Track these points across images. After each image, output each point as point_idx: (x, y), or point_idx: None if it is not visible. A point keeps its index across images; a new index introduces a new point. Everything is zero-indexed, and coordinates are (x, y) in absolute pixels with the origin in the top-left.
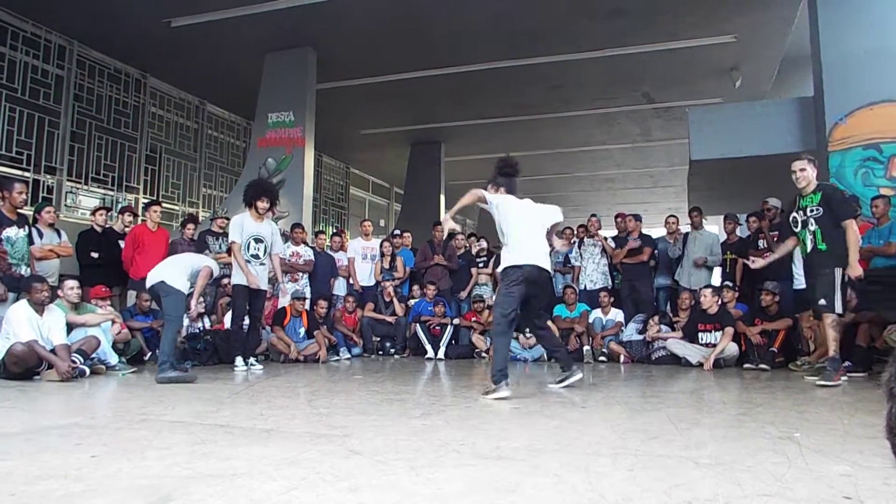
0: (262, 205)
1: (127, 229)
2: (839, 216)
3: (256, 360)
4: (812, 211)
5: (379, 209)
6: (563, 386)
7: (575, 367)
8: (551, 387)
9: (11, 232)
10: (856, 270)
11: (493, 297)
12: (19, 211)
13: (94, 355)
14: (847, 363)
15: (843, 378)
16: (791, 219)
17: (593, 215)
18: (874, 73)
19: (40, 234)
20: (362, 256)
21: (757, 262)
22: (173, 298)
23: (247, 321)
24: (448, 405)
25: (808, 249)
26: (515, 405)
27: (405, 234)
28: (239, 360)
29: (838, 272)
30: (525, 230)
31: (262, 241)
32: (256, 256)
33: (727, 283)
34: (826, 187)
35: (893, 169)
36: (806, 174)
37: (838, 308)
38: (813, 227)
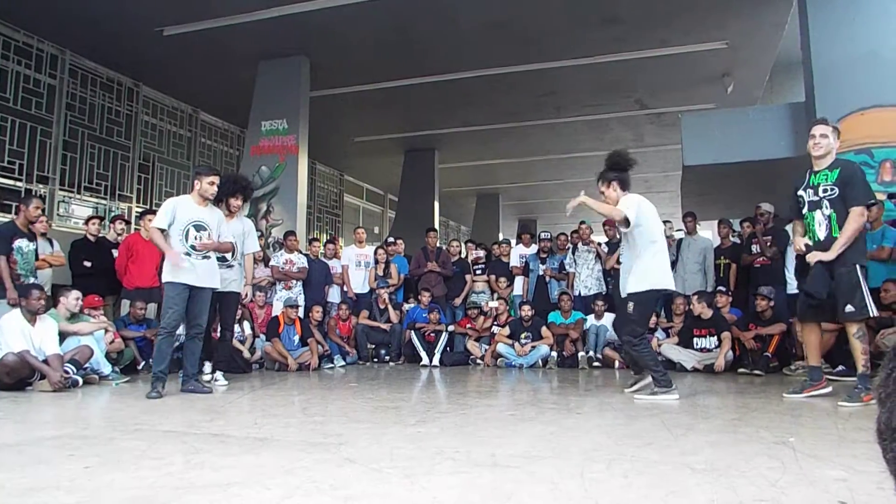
0: (237, 202)
1: (120, 238)
2: (850, 199)
3: (222, 374)
4: (826, 191)
5: (373, 216)
6: (641, 395)
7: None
8: (636, 398)
9: (23, 243)
10: (829, 255)
11: (489, 303)
12: (36, 225)
13: (87, 365)
14: (840, 367)
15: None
16: (798, 197)
17: (583, 222)
18: (865, 78)
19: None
20: (356, 264)
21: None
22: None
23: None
24: (443, 412)
25: (822, 237)
26: (511, 412)
27: (398, 242)
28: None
29: (860, 270)
30: (661, 240)
31: (204, 230)
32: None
33: (720, 287)
34: (846, 164)
35: (885, 174)
36: (828, 142)
37: (872, 311)
38: (827, 210)
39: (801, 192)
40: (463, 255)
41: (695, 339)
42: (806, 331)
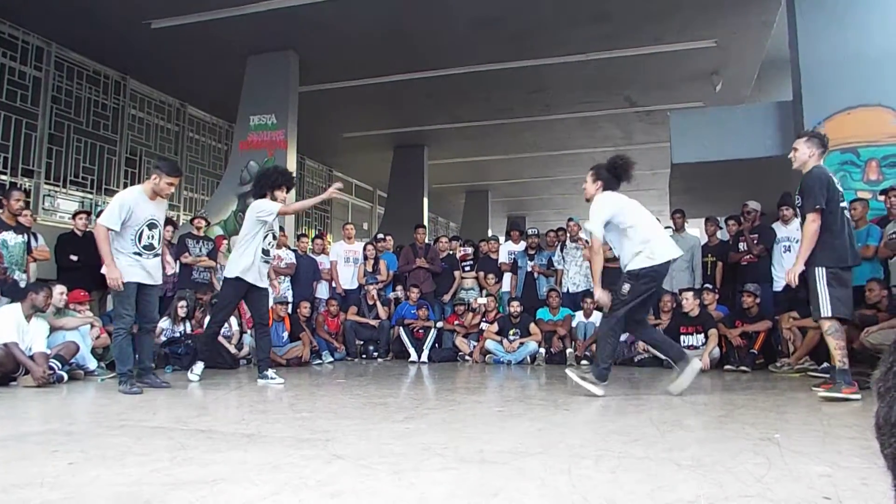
0: (283, 195)
1: None
2: (805, 206)
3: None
4: (798, 199)
5: (362, 212)
6: (680, 388)
7: (686, 357)
8: (670, 389)
9: (8, 236)
10: (791, 275)
11: (477, 299)
12: (19, 218)
13: (72, 360)
14: (825, 364)
15: (856, 395)
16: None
17: (570, 219)
18: (851, 78)
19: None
20: (345, 260)
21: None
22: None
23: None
24: (431, 409)
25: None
26: (500, 408)
27: (388, 238)
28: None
29: (819, 272)
30: (648, 219)
31: (156, 227)
32: (150, 247)
33: (707, 285)
34: (807, 174)
35: (870, 172)
36: (798, 153)
37: (825, 311)
38: (800, 218)
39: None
40: (452, 251)
41: (682, 337)
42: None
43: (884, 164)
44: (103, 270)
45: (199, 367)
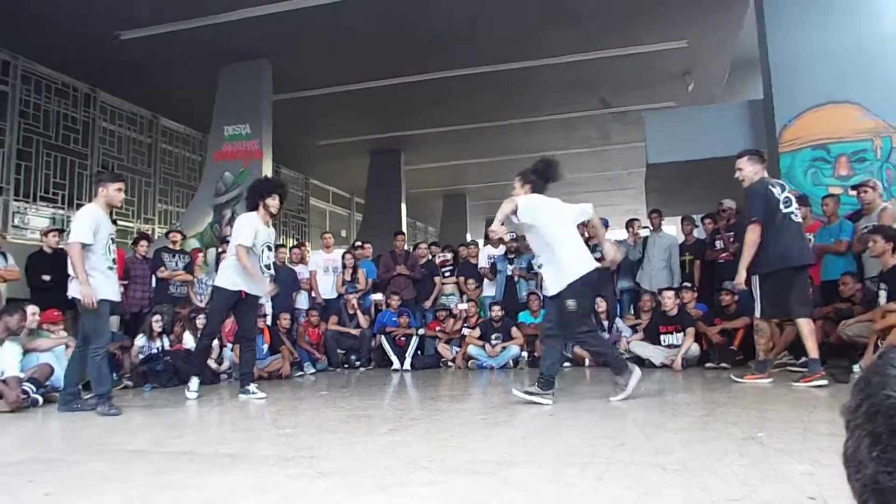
0: (275, 202)
1: None
2: (746, 216)
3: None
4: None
5: (340, 220)
6: (623, 398)
7: (631, 367)
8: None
9: None
10: (739, 278)
11: (458, 305)
12: None
13: (47, 383)
14: (804, 359)
15: (767, 379)
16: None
17: None
18: (819, 75)
19: None
20: (324, 269)
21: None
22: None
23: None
24: (415, 419)
25: None
26: (484, 416)
27: (366, 246)
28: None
29: (754, 279)
30: (571, 231)
31: (114, 242)
32: (114, 262)
33: (686, 283)
34: (752, 185)
35: (841, 168)
36: (743, 173)
37: (757, 313)
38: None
39: None
40: (431, 257)
41: (662, 336)
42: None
43: (853, 160)
44: (70, 292)
45: (194, 382)
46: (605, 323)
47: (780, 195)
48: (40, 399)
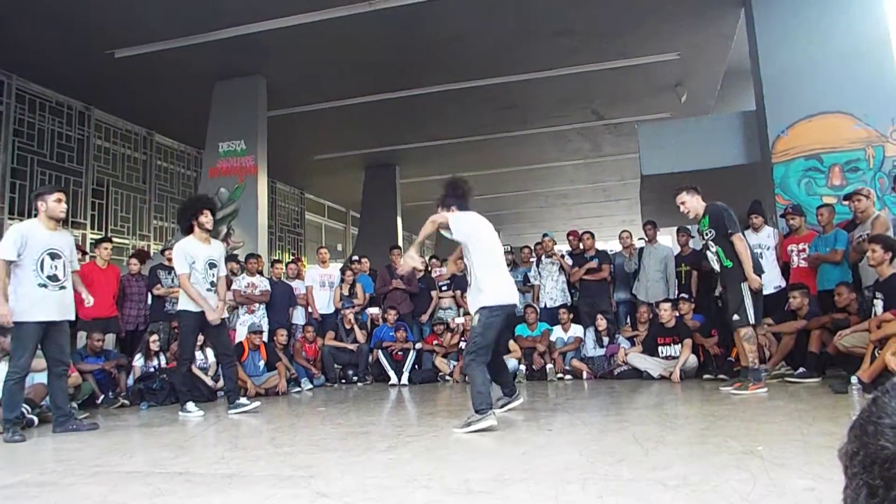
0: (207, 219)
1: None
2: (722, 233)
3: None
4: (707, 234)
5: (336, 234)
6: (504, 410)
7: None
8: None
9: None
10: (754, 282)
11: (455, 319)
12: None
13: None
14: (801, 369)
15: (763, 389)
16: (703, 247)
17: (545, 235)
18: (811, 86)
19: None
20: (320, 284)
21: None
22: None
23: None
24: (414, 436)
25: (718, 269)
26: (482, 432)
27: (363, 260)
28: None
29: (744, 286)
30: (501, 256)
31: (59, 258)
32: (55, 279)
33: (683, 295)
34: (711, 208)
35: (835, 178)
36: (688, 205)
37: (751, 318)
38: (713, 248)
39: (701, 242)
40: (428, 271)
41: (659, 348)
42: (736, 339)
43: (847, 169)
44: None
45: (190, 405)
46: (606, 339)
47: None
48: (35, 419)
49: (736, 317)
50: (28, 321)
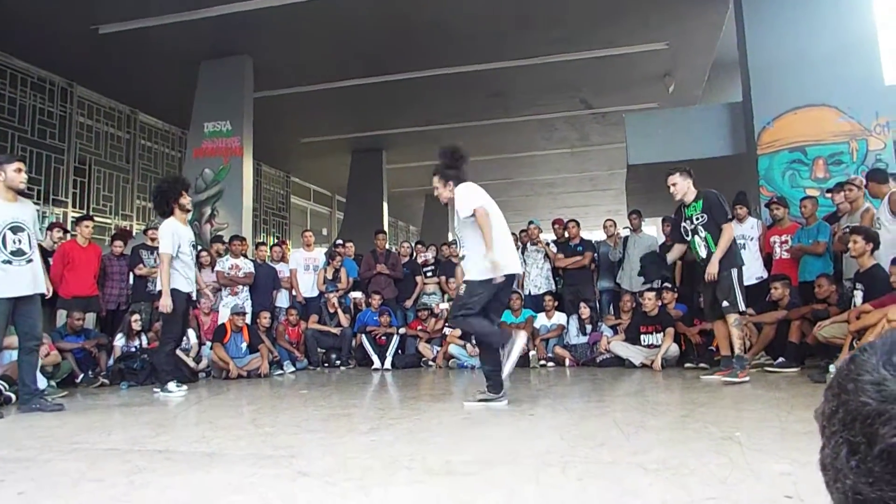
0: (186, 200)
1: (56, 246)
2: (717, 219)
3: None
4: (698, 219)
5: (321, 218)
6: (479, 400)
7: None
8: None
9: None
10: (712, 268)
11: (439, 304)
12: None
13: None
14: (780, 359)
15: (746, 378)
16: (682, 228)
17: (531, 222)
18: (797, 78)
19: None
20: (304, 267)
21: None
22: None
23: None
24: (396, 418)
25: (703, 255)
26: (465, 415)
27: (348, 245)
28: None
29: (734, 272)
30: (504, 227)
31: (22, 230)
32: (20, 253)
33: (666, 284)
34: (707, 194)
35: (818, 170)
36: (678, 187)
37: (741, 306)
38: (703, 233)
39: (683, 224)
40: (413, 256)
41: (642, 336)
42: (716, 328)
43: (830, 162)
44: None
45: (172, 385)
46: (588, 327)
47: None
48: (13, 397)
49: (726, 303)
50: None
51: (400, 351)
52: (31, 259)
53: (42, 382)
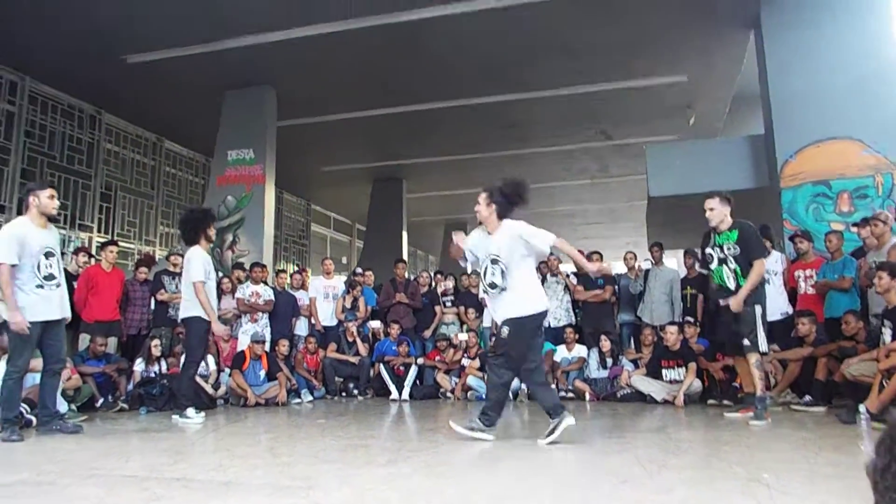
0: (212, 232)
1: (81, 270)
2: (751, 254)
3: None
4: (729, 249)
5: (341, 246)
6: (467, 427)
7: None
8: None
9: None
10: (737, 302)
11: (458, 335)
12: None
13: None
14: (807, 397)
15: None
16: (707, 254)
17: (551, 254)
18: (820, 111)
19: None
20: (324, 295)
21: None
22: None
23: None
24: (414, 450)
25: (731, 287)
26: (483, 449)
27: (367, 273)
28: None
29: (758, 309)
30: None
31: (53, 256)
32: (51, 277)
33: (688, 318)
34: (743, 226)
35: (843, 204)
36: (715, 213)
37: (762, 347)
38: (732, 265)
39: (708, 250)
40: (432, 286)
41: (663, 371)
42: (738, 364)
43: (855, 196)
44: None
45: (191, 411)
46: (609, 361)
47: None
48: (34, 420)
49: (747, 342)
50: (31, 321)
51: (418, 381)
52: (59, 283)
53: (63, 406)
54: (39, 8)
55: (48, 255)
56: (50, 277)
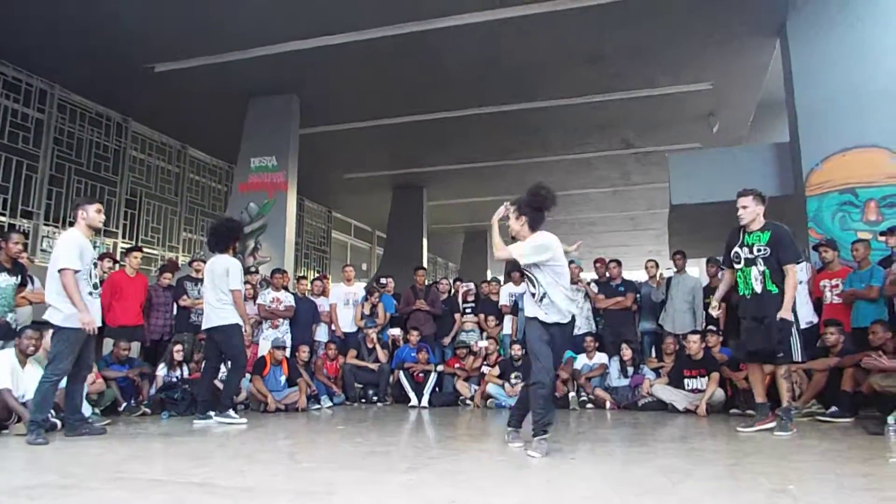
0: (238, 243)
1: (106, 275)
2: (783, 259)
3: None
4: (760, 250)
5: (361, 253)
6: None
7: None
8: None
9: (0, 278)
10: (786, 313)
11: (478, 342)
12: (18, 258)
13: None
14: (833, 408)
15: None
16: (733, 253)
17: (572, 262)
18: (846, 119)
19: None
20: (344, 302)
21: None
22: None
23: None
24: (434, 457)
25: (758, 290)
26: (504, 457)
27: (388, 280)
28: None
29: (793, 318)
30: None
31: (95, 266)
32: (97, 286)
33: (711, 327)
34: (777, 229)
35: (870, 213)
36: (749, 211)
37: (797, 356)
38: (762, 266)
39: (736, 249)
40: (451, 293)
41: (686, 380)
42: (750, 371)
43: (883, 205)
44: (47, 316)
45: (232, 412)
46: (630, 369)
47: None
48: (59, 423)
49: (781, 354)
50: (78, 327)
51: (437, 388)
52: (100, 292)
53: (87, 410)
54: (69, 19)
55: (95, 264)
56: (96, 286)
